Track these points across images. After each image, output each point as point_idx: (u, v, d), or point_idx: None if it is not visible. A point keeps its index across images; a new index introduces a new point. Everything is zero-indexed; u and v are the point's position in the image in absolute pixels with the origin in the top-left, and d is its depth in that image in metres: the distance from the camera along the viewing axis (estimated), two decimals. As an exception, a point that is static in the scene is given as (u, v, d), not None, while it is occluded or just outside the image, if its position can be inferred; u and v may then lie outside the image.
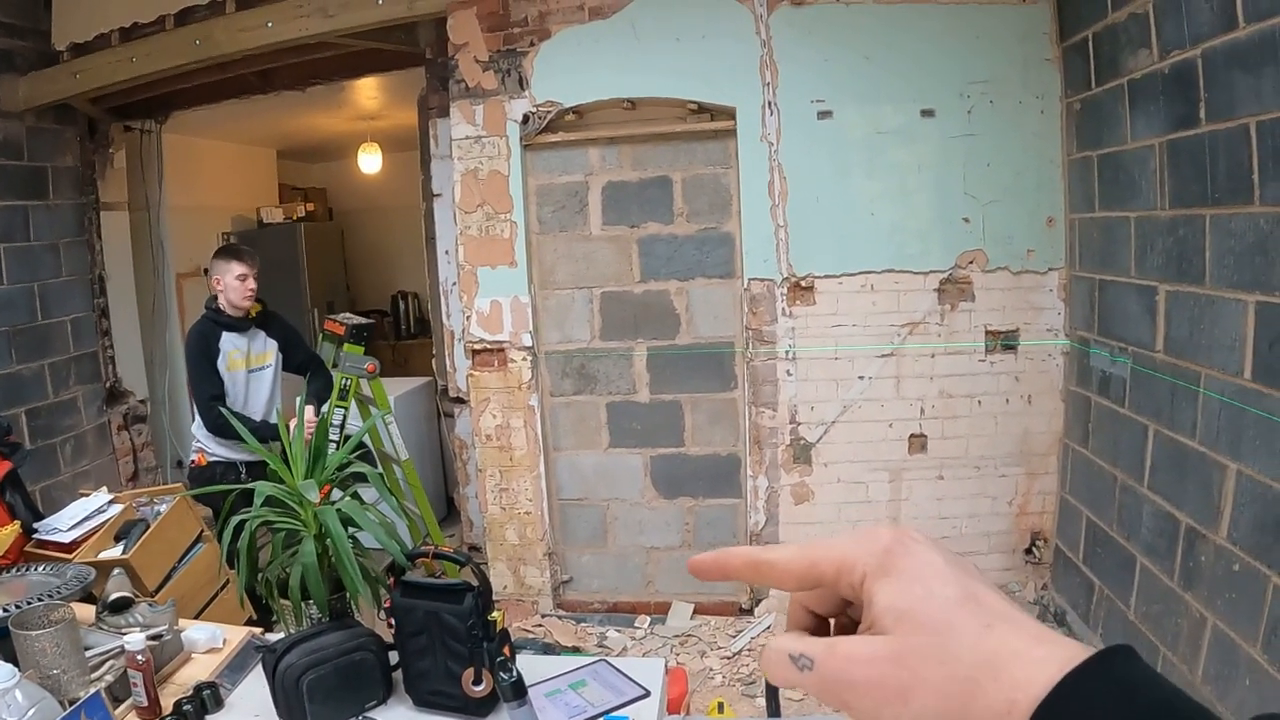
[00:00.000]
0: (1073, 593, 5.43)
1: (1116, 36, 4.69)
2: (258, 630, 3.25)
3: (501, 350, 5.76)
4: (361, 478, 3.04)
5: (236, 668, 2.93)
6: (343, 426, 5.60)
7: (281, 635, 2.78)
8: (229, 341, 5.12)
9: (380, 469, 5.52)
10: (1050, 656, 0.48)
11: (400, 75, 7.04)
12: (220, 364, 5.11)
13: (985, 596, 0.54)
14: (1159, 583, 4.35)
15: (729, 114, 5.54)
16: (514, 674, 2.34)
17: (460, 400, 6.56)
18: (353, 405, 5.74)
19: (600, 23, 5.51)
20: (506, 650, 2.51)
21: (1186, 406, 4.13)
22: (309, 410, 5.11)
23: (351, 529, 2.75)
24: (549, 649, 5.37)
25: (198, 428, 5.22)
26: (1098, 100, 5.00)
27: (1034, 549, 5.81)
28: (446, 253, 6.48)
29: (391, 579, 2.65)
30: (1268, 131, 3.46)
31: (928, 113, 5.49)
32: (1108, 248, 4.98)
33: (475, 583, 2.54)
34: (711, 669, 5.26)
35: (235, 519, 2.73)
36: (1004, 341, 5.59)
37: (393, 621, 2.60)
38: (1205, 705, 0.46)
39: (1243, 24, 3.54)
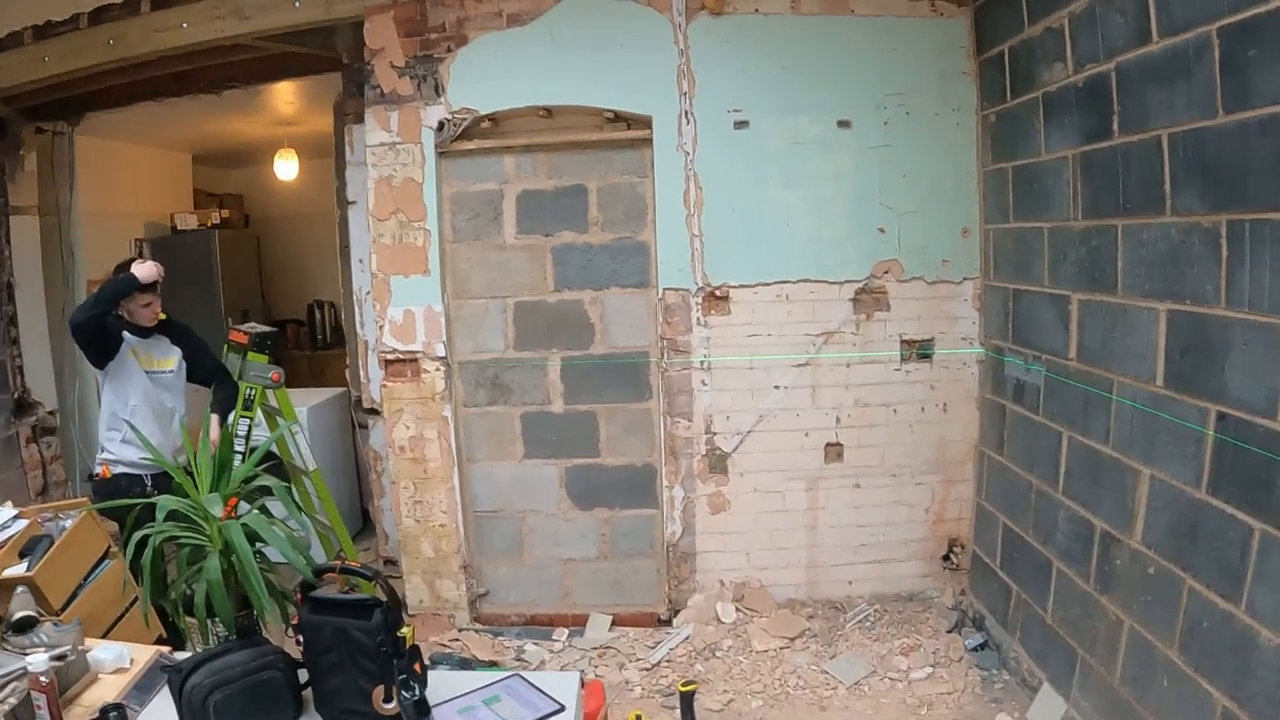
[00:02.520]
0: (991, 598, 5.46)
1: (1032, 50, 4.74)
2: (166, 649, 3.18)
3: (415, 360, 5.68)
4: (269, 490, 2.98)
5: (144, 688, 2.86)
6: (248, 437, 5.52)
7: (189, 654, 2.72)
8: (131, 339, 5.00)
9: (290, 482, 5.48)
10: None
11: (318, 80, 6.94)
12: (122, 350, 4.98)
13: None
14: (1076, 587, 4.40)
15: (645, 123, 5.52)
16: (416, 692, 2.30)
17: (374, 411, 6.48)
18: (262, 416, 5.67)
19: (518, 30, 5.46)
20: (417, 666, 2.48)
21: (1100, 413, 4.18)
22: (213, 421, 5.03)
23: (258, 544, 2.70)
24: (466, 664, 5.29)
25: (104, 438, 5.10)
26: (1013, 112, 5.06)
27: (951, 555, 5.85)
28: (361, 261, 6.39)
29: (299, 595, 2.60)
30: (1179, 143, 3.51)
31: (844, 124, 5.52)
32: (1022, 257, 5.03)
33: (384, 598, 2.50)
34: (630, 681, 5.22)
35: (138, 535, 2.66)
36: (919, 350, 5.63)
37: (301, 639, 2.55)
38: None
39: (1155, 38, 3.60)
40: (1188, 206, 3.49)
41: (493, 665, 5.31)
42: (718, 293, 5.54)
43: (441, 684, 2.66)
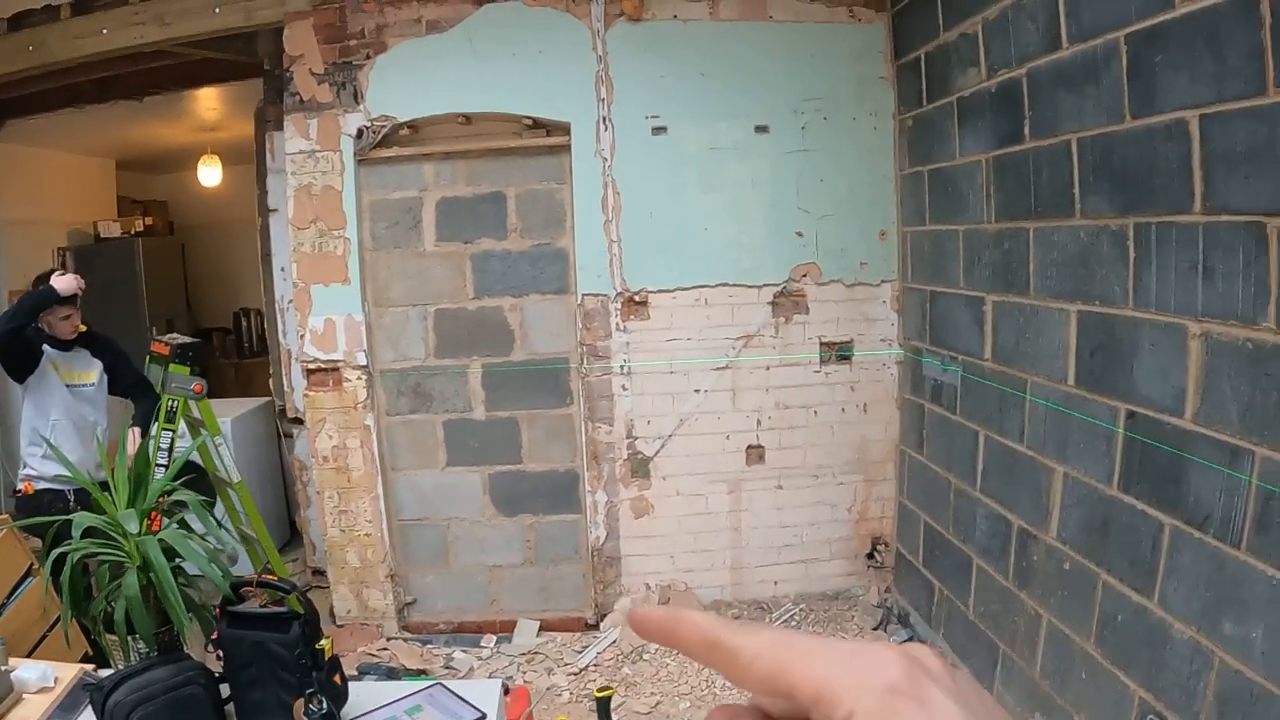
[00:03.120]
0: (915, 595, 5.47)
1: (948, 56, 4.75)
2: (90, 667, 3.08)
3: (336, 369, 5.56)
4: (187, 505, 2.92)
5: (68, 707, 2.76)
6: (171, 450, 5.39)
7: (112, 672, 2.63)
8: (51, 352, 4.88)
9: (215, 494, 5.37)
10: None
11: (240, 86, 6.82)
12: (42, 364, 4.85)
13: None
14: (995, 583, 4.42)
15: (564, 129, 5.45)
16: (323, 705, 2.25)
17: (299, 421, 6.35)
18: (186, 429, 5.54)
19: (437, 36, 5.37)
20: (338, 678, 2.45)
21: (1014, 412, 4.20)
22: (133, 434, 4.91)
23: (177, 559, 2.63)
24: (393, 673, 5.21)
25: (26, 453, 4.96)
26: (929, 117, 5.07)
27: (875, 554, 5.84)
28: (283, 269, 6.26)
29: (218, 610, 2.55)
30: (1088, 147, 3.54)
31: (762, 129, 5.49)
32: (938, 260, 5.04)
33: (302, 610, 2.45)
34: (558, 685, 5.14)
35: (56, 551, 2.60)
36: (839, 352, 5.62)
37: (221, 654, 2.50)
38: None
39: (1066, 44, 3.63)
40: (1096, 209, 3.52)
41: (421, 674, 5.23)
42: (636, 298, 5.49)
43: (366, 694, 2.63)
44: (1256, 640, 2.69)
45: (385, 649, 5.61)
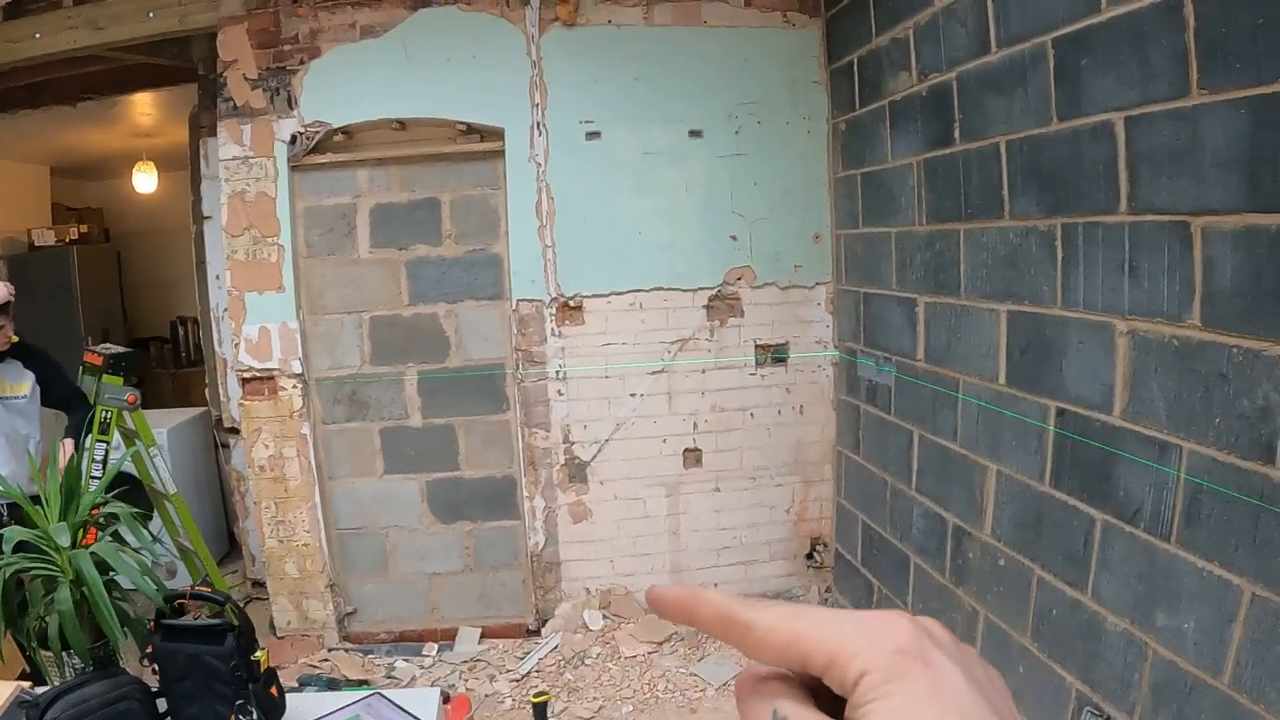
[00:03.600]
0: (855, 594, 5.49)
1: (880, 60, 4.77)
2: (26, 684, 3.01)
3: (271, 378, 5.46)
4: (119, 518, 2.87)
5: None
6: (105, 462, 5.29)
7: (48, 688, 2.57)
8: None
9: (153, 506, 5.27)
10: None
11: (175, 91, 6.70)
12: None
13: None
14: (932, 580, 4.45)
15: (498, 135, 5.40)
16: (254, 716, 2.22)
17: (235, 430, 6.22)
18: (121, 440, 5.44)
19: (371, 42, 5.29)
20: (274, 690, 2.43)
21: (947, 412, 4.22)
22: (65, 446, 4.81)
23: (112, 572, 2.61)
24: (334, 684, 5.12)
25: None
26: (862, 121, 5.08)
27: (815, 554, 5.85)
28: (217, 277, 6.12)
29: (153, 623, 2.51)
30: (1016, 149, 3.57)
31: (696, 133, 5.48)
32: (871, 262, 5.05)
33: (236, 622, 2.42)
34: (501, 692, 5.09)
35: None
36: (774, 355, 5.62)
37: (156, 667, 2.46)
38: None
39: (995, 49, 3.65)
40: (1025, 211, 3.55)
41: (362, 684, 5.14)
42: (571, 303, 5.46)
43: (305, 706, 2.62)
44: (1189, 631, 2.70)
45: (326, 660, 5.52)
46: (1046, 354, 3.45)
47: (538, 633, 5.69)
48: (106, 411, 5.19)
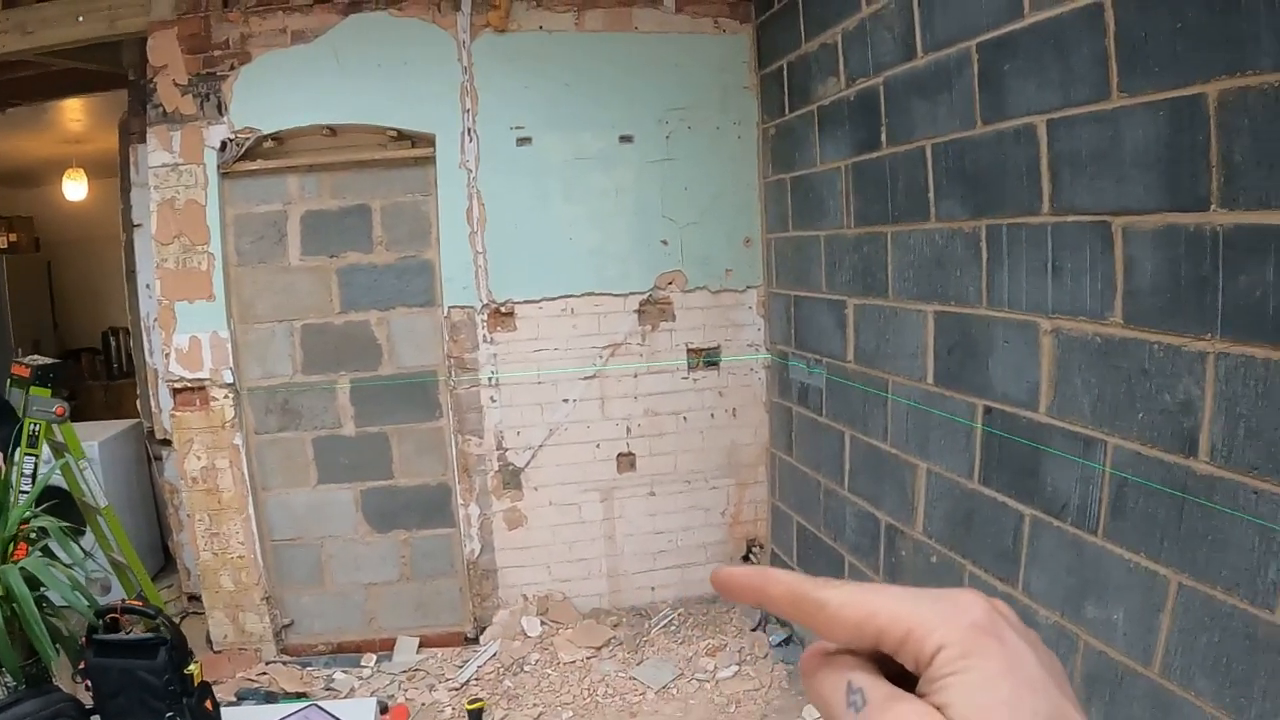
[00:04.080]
0: (791, 595, 5.47)
1: (809, 66, 4.80)
2: None
3: (203, 388, 5.36)
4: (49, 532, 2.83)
5: None
6: (34, 475, 5.19)
7: None
8: None
9: (85, 520, 5.18)
10: None
11: (105, 97, 6.58)
12: None
13: (1071, 717, 0.43)
14: (867, 578, 4.44)
15: (429, 141, 5.36)
16: None
17: (167, 442, 6.09)
18: (50, 453, 5.34)
19: (302, 47, 5.23)
20: (208, 704, 2.42)
21: (877, 412, 4.25)
22: (-8, 459, 4.72)
23: (42, 588, 2.56)
24: (271, 697, 5.06)
25: None
26: (791, 125, 5.11)
27: (751, 555, 5.87)
28: (148, 286, 5.99)
29: (85, 639, 2.46)
30: (941, 153, 3.60)
31: (627, 138, 5.49)
32: (802, 265, 5.08)
33: (168, 636, 2.38)
34: (440, 701, 5.04)
35: None
36: (706, 358, 5.64)
37: (90, 684, 2.42)
38: None
39: (921, 54, 3.68)
40: (950, 213, 3.58)
41: (300, 697, 5.08)
42: (503, 309, 5.43)
43: (242, 719, 2.54)
44: (1118, 622, 2.73)
45: (264, 673, 5.42)
46: (973, 353, 3.48)
47: (476, 640, 5.64)
48: (35, 424, 5.09)
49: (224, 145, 5.25)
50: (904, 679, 0.46)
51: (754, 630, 5.48)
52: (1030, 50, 3.00)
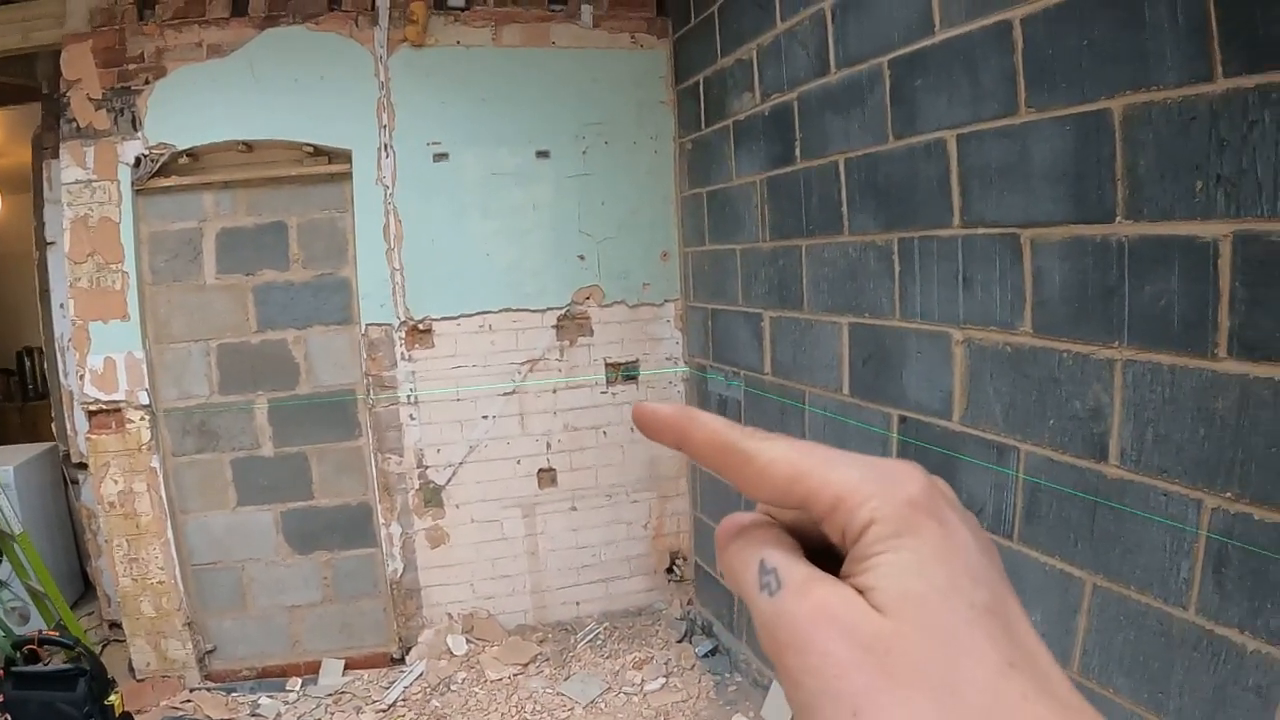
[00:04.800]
0: (716, 605, 5.51)
1: (725, 81, 4.83)
2: None
3: (118, 410, 5.23)
4: None
5: None
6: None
7: None
8: None
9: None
10: None
11: (19, 110, 6.39)
12: None
13: (1015, 614, 0.41)
14: None
15: (346, 157, 5.30)
16: None
17: (83, 466, 5.95)
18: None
19: (218, 61, 5.14)
20: None
21: (795, 423, 4.26)
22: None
23: None
24: (196, 725, 5.00)
25: None
26: (707, 140, 5.14)
27: (675, 568, 5.86)
28: (62, 306, 5.85)
29: (1, 671, 2.40)
30: (854, 167, 3.65)
31: (543, 154, 5.48)
32: (718, 278, 5.10)
33: (88, 667, 2.33)
34: (367, 724, 5.00)
35: None
36: (625, 372, 5.64)
37: (9, 717, 2.36)
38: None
39: (834, 69, 3.72)
40: (863, 226, 3.62)
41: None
42: (420, 326, 5.39)
43: None
44: (1036, 624, 2.70)
45: (189, 700, 5.30)
46: (888, 364, 3.53)
47: (402, 661, 5.57)
48: (-58, 450, 4.98)
49: (138, 161, 5.15)
50: (828, 556, 0.43)
51: (680, 642, 5.49)
52: (941, 67, 3.05)
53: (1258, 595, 2.11)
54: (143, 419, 5.26)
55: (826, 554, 0.43)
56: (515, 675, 5.26)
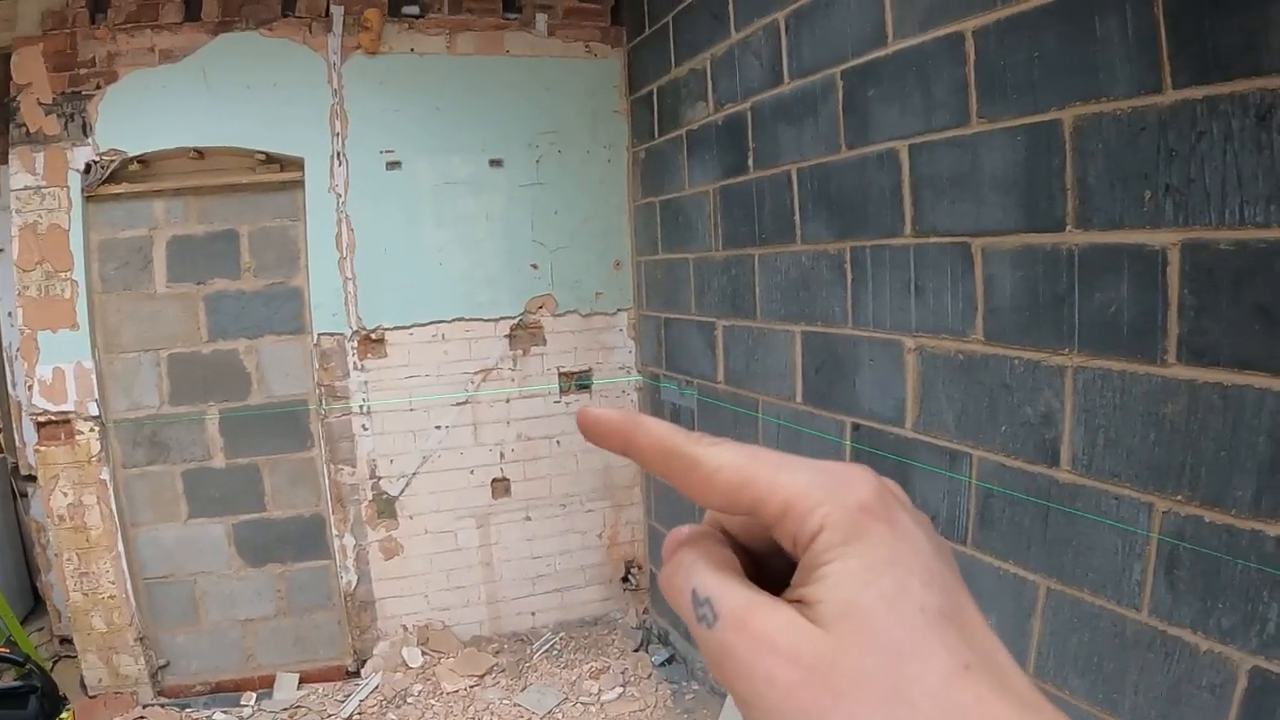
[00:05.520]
0: (672, 614, 5.44)
1: (679, 90, 4.84)
2: None
3: (68, 421, 5.13)
4: None
5: None
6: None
7: None
8: None
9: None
10: None
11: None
12: None
13: (970, 615, 0.41)
14: None
15: (298, 165, 5.25)
16: None
17: (33, 478, 5.86)
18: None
19: (171, 67, 5.06)
20: None
21: (748, 431, 4.27)
22: None
23: None
24: (150, 741, 4.93)
25: None
26: (661, 149, 5.14)
27: (630, 576, 5.86)
28: (10, 315, 5.79)
29: None
30: (807, 176, 3.67)
31: (497, 162, 5.46)
32: (671, 287, 5.10)
33: (38, 684, 2.29)
34: (323, 739, 4.96)
35: None
36: (578, 382, 5.64)
37: None
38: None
39: (787, 80, 3.74)
40: (816, 235, 3.64)
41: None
42: (373, 336, 5.34)
43: None
44: (991, 628, 2.77)
45: (142, 717, 5.20)
46: (840, 372, 3.54)
47: (357, 674, 5.51)
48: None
49: (89, 167, 5.05)
50: (780, 557, 0.44)
51: (637, 651, 5.48)
52: (894, 77, 3.07)
53: (1209, 596, 2.14)
54: (92, 430, 5.17)
55: (779, 555, 0.44)
56: (471, 687, 5.22)
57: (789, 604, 0.40)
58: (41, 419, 5.16)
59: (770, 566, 0.45)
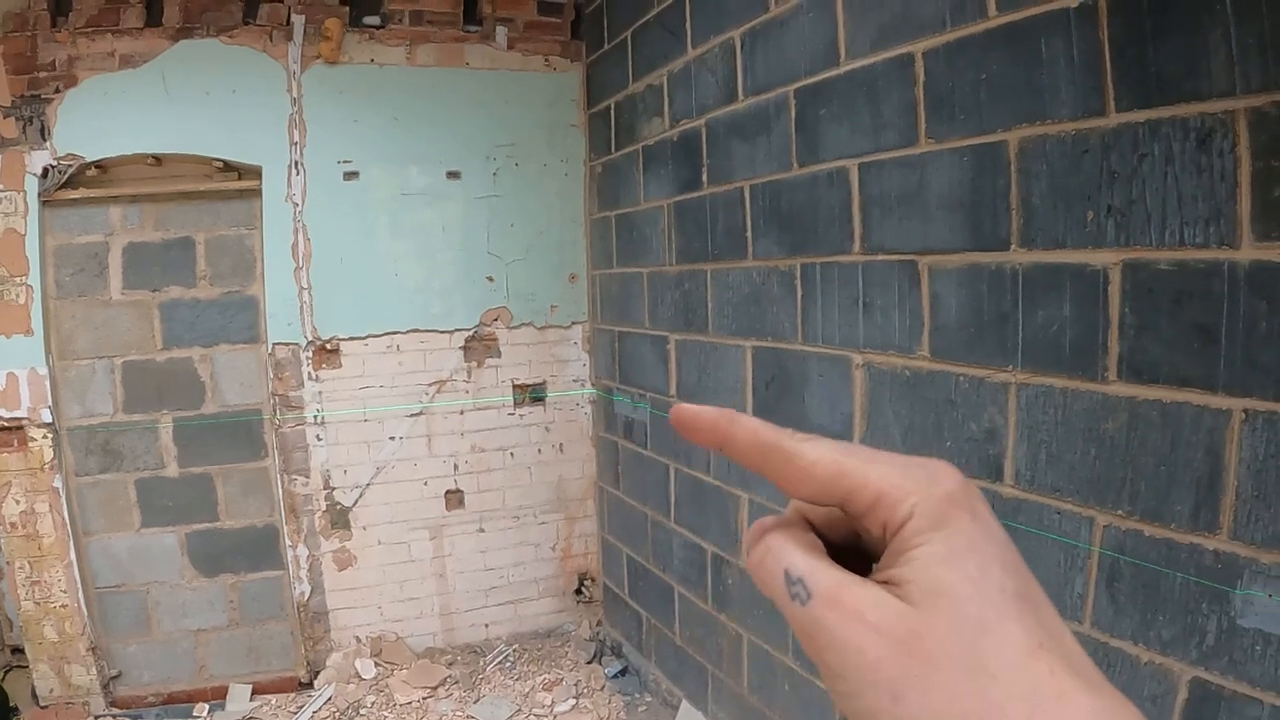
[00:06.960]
0: (625, 625, 5.49)
1: (636, 106, 4.85)
2: None
3: (21, 428, 5.03)
4: None
5: None
6: None
7: None
8: None
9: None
10: (1103, 711, 0.38)
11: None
12: None
13: (1042, 602, 0.43)
14: (696, 608, 4.50)
15: (256, 173, 5.20)
16: None
17: (-16, 485, 5.84)
18: None
19: (130, 72, 4.99)
20: None
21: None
22: None
23: None
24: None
25: None
26: (617, 164, 5.15)
27: (583, 589, 5.84)
28: (-37, 321, 5.75)
29: None
30: (759, 193, 3.68)
31: (454, 174, 5.44)
32: (626, 301, 5.10)
33: None
34: (275, 752, 4.91)
35: None
36: (532, 394, 5.62)
37: None
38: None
39: (742, 97, 3.76)
40: (767, 252, 3.65)
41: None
42: (328, 346, 5.30)
43: None
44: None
45: (95, 728, 5.20)
46: (790, 386, 3.56)
47: (310, 685, 5.45)
48: None
49: (46, 172, 4.97)
50: (853, 550, 0.47)
51: (590, 663, 5.46)
52: (845, 97, 3.09)
53: (1149, 608, 2.15)
54: (45, 437, 5.08)
55: (853, 548, 0.47)
56: (425, 698, 5.18)
57: (877, 584, 0.43)
58: (-7, 426, 5.08)
59: (844, 559, 0.46)
